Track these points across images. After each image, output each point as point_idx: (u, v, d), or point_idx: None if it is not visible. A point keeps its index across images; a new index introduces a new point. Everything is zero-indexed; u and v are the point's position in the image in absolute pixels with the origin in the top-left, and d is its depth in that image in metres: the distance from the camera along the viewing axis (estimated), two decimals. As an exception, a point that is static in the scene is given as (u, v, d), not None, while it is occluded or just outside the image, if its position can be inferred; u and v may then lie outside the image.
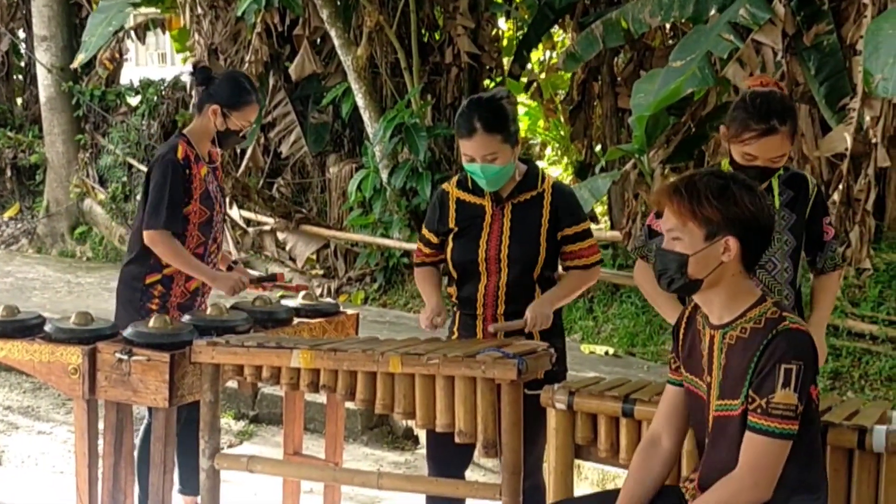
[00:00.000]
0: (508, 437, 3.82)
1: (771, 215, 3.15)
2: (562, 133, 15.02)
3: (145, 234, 4.95)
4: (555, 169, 15.93)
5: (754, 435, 3.00)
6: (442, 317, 4.35)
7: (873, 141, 7.24)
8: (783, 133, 3.89)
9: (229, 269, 5.27)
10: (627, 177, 8.70)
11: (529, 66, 12.85)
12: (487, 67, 11.71)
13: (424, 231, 4.53)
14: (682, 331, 3.35)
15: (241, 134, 5.13)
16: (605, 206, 11.92)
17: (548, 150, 16.64)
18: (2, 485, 5.92)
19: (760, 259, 3.21)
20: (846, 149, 7.23)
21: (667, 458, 3.34)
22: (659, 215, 4.14)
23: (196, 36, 12.07)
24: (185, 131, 5.08)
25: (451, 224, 4.38)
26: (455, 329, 4.46)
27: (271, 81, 11.94)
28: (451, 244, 4.38)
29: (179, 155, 4.96)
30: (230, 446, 6.72)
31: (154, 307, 4.97)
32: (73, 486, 4.56)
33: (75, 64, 12.84)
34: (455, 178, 4.47)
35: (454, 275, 4.40)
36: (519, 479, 3.88)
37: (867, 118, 7.21)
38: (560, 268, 4.43)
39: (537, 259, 4.27)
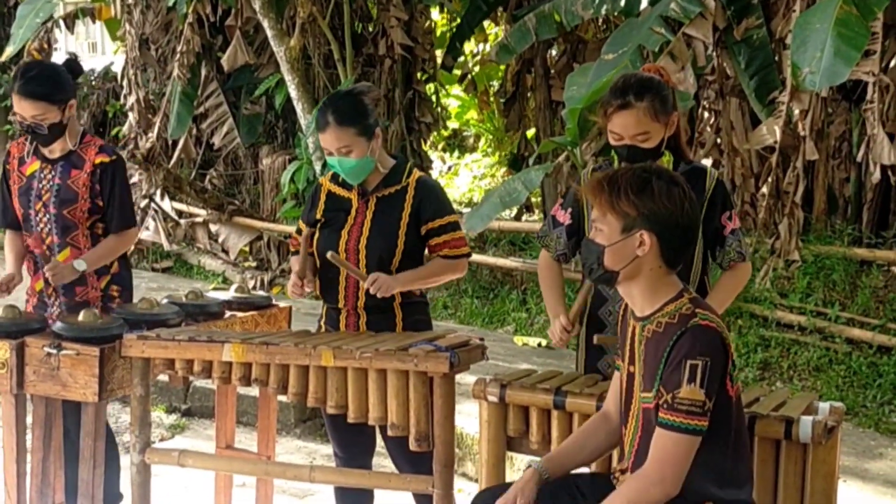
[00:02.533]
0: (441, 430, 3.83)
1: (694, 214, 3.16)
2: (495, 125, 15.08)
3: None
4: (488, 160, 15.99)
5: (661, 430, 3.04)
6: (308, 287, 4.35)
7: (802, 134, 7.35)
8: (640, 108, 3.87)
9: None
10: (560, 169, 8.75)
11: (463, 58, 12.87)
12: (421, 59, 11.71)
13: (299, 222, 4.59)
14: (619, 320, 3.39)
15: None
16: (539, 198, 11.98)
17: (481, 142, 16.70)
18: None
19: (684, 256, 3.23)
20: (775, 142, 7.33)
21: (612, 432, 3.38)
22: (565, 206, 4.20)
23: (127, 26, 11.96)
24: None
25: (319, 215, 4.43)
26: (322, 322, 4.50)
27: (203, 72, 11.85)
28: (317, 235, 4.42)
29: (12, 153, 4.97)
30: (162, 440, 6.67)
31: None
32: (1, 481, 4.50)
33: (3, 57, 12.66)
34: (331, 172, 4.49)
35: (318, 265, 4.42)
36: (452, 472, 3.91)
37: (796, 111, 7.31)
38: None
39: (395, 252, 4.29)
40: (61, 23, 13.15)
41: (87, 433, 4.35)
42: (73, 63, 5.06)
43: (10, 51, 12.41)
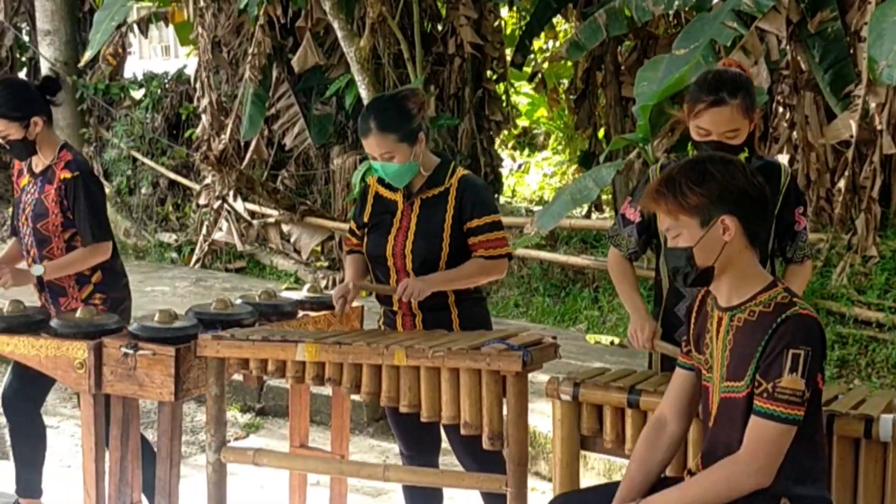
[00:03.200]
0: (514, 429, 3.82)
1: (759, 183, 3.12)
2: (566, 122, 15.02)
3: None
4: (559, 158, 15.93)
5: (759, 419, 3.00)
6: (351, 295, 4.38)
7: (878, 128, 7.24)
8: (733, 106, 3.85)
9: None
10: (632, 166, 8.70)
11: (532, 55, 12.84)
12: (490, 58, 11.70)
13: (350, 222, 4.61)
14: (694, 314, 3.35)
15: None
16: (610, 196, 11.91)
17: (551, 140, 16.65)
18: (10, 479, 5.91)
19: (765, 230, 3.20)
20: (851, 136, 7.23)
21: (671, 442, 3.34)
22: (633, 204, 4.17)
23: (199, 29, 12.06)
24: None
25: (366, 218, 4.45)
26: (380, 323, 4.53)
27: (274, 73, 11.93)
28: (365, 238, 4.44)
29: (16, 165, 5.16)
30: (237, 439, 6.72)
31: None
32: (81, 480, 4.57)
33: (82, 62, 12.86)
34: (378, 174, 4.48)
35: (371, 269, 4.45)
36: (525, 470, 3.90)
37: (872, 105, 7.21)
38: None
39: (440, 254, 4.28)
40: (135, 27, 13.33)
41: (163, 432, 4.40)
42: (50, 80, 5.15)
43: (87, 56, 12.59)
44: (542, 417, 5.77)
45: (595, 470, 5.72)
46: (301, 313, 4.97)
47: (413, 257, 4.28)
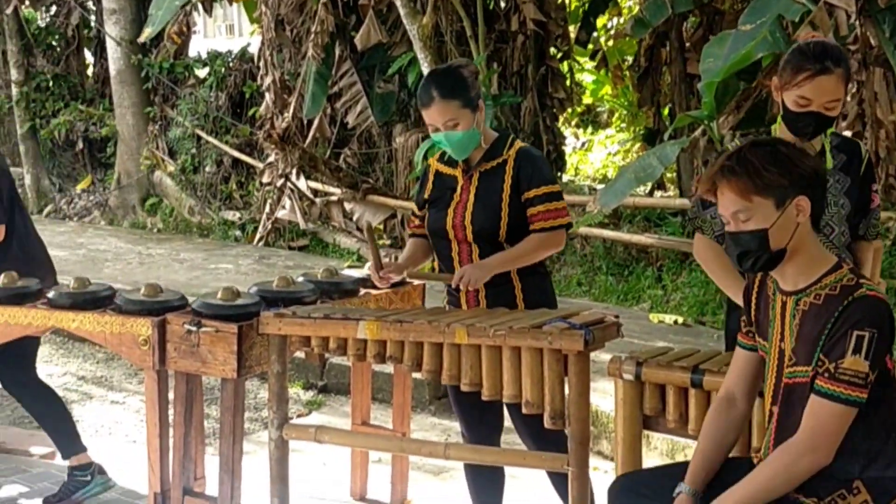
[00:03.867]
0: (576, 408, 3.80)
1: (823, 166, 3.10)
2: (630, 100, 14.90)
3: None
4: (623, 136, 15.83)
5: (818, 398, 2.97)
6: (395, 276, 4.46)
7: (950, 104, 7.10)
8: (837, 75, 3.79)
9: None
10: (697, 143, 8.61)
11: (596, 32, 12.74)
12: (553, 35, 11.62)
13: (412, 203, 4.61)
14: (753, 295, 3.31)
15: None
16: (675, 174, 11.81)
17: (615, 118, 16.54)
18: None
19: (823, 214, 3.17)
20: (921, 113, 7.09)
21: (740, 420, 3.31)
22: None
23: (262, 7, 12.10)
24: None
25: (427, 195, 4.46)
26: (445, 301, 4.52)
27: (337, 52, 11.94)
28: (426, 214, 4.45)
29: None
30: (300, 416, 6.76)
31: None
32: (146, 454, 4.61)
33: (142, 38, 12.94)
34: (440, 152, 4.50)
35: (433, 246, 4.46)
36: (587, 450, 3.87)
37: (943, 81, 7.06)
38: None
39: (499, 225, 4.25)
40: (199, 6, 13.39)
41: (226, 409, 4.43)
42: None
43: (148, 32, 12.67)
44: (605, 396, 5.74)
45: (658, 450, 5.68)
46: (363, 291, 4.98)
47: (473, 228, 4.26)
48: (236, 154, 13.23)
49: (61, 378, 7.62)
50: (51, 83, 15.00)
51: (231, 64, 13.78)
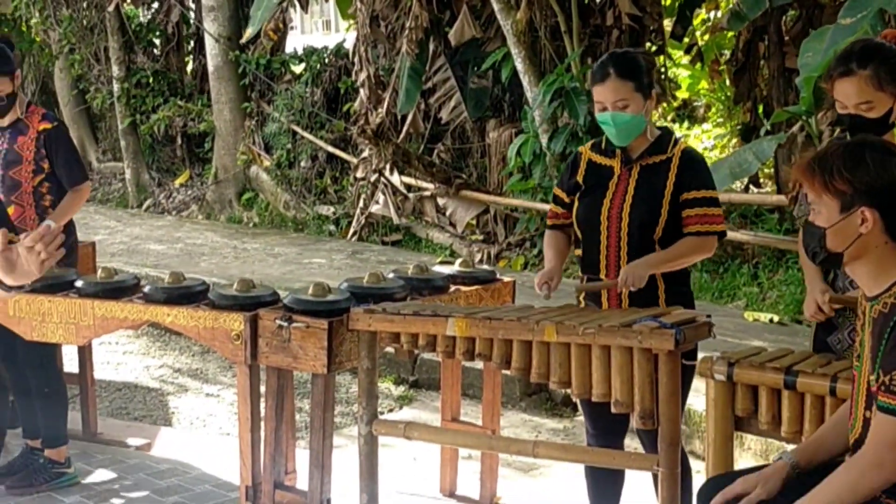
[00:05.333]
0: (666, 408, 3.76)
1: None
2: (727, 94, 14.70)
3: None
4: (719, 131, 15.63)
5: (880, 413, 2.90)
6: (555, 281, 4.29)
7: None
8: (861, 77, 3.72)
9: None
10: (794, 139, 8.46)
11: (691, 27, 12.58)
12: (649, 29, 11.50)
13: (556, 190, 4.52)
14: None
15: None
16: (772, 170, 11.63)
17: (711, 112, 16.32)
18: (173, 444, 6.10)
19: None
20: None
21: None
22: None
23: (358, 3, 12.15)
24: None
25: (580, 180, 4.38)
26: (581, 297, 4.42)
27: (431, 47, 11.96)
28: (577, 203, 4.37)
29: None
30: (390, 411, 6.79)
31: None
32: (237, 448, 4.67)
33: (245, 38, 13.10)
34: (591, 142, 4.48)
35: (579, 235, 4.38)
36: (677, 451, 3.83)
37: None
38: None
39: (658, 221, 4.20)
40: (296, 2, 13.50)
41: (316, 404, 4.47)
42: (5, 40, 5.69)
43: (249, 32, 12.83)
44: (698, 395, 5.66)
45: (751, 451, 5.60)
46: (453, 288, 4.98)
47: (630, 221, 4.22)
48: (331, 149, 13.33)
49: (158, 370, 7.76)
50: (151, 79, 15.24)
51: (326, 60, 13.87)
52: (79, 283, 4.93)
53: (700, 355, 3.91)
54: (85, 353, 6.12)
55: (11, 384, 5.61)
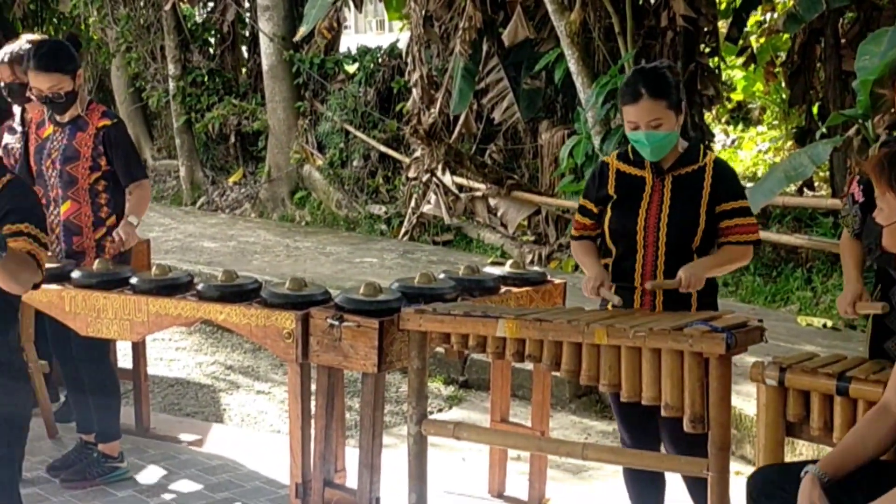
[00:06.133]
0: (716, 412, 3.75)
1: None
2: (782, 97, 14.59)
3: None
4: (774, 134, 15.51)
5: None
6: (606, 284, 4.29)
7: None
8: None
9: None
10: (850, 143, 8.39)
11: (747, 29, 12.49)
12: (704, 31, 11.43)
13: (583, 201, 4.52)
14: None
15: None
16: (827, 173, 11.53)
17: (766, 115, 16.19)
18: (224, 441, 6.15)
19: None
20: None
21: (891, 428, 3.22)
22: (861, 183, 4.03)
23: (412, 3, 12.18)
24: None
25: (611, 191, 4.37)
26: (609, 303, 4.42)
27: (485, 48, 11.95)
28: (609, 213, 4.37)
29: (34, 118, 5.75)
30: (440, 411, 6.80)
31: None
32: (288, 445, 4.70)
33: (298, 37, 13.15)
34: (615, 152, 4.48)
35: (611, 245, 4.39)
36: (727, 455, 3.82)
37: None
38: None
39: (696, 231, 4.23)
40: (350, 2, 13.55)
41: (366, 403, 4.49)
42: (73, 38, 5.87)
43: (303, 30, 12.88)
44: (749, 399, 5.63)
45: (803, 456, 5.54)
46: (503, 289, 4.99)
47: (668, 231, 4.24)
48: (383, 149, 13.36)
49: (210, 367, 7.82)
50: (206, 78, 15.34)
51: (380, 59, 13.90)
52: (133, 280, 4.99)
53: (752, 360, 3.89)
54: (139, 350, 6.19)
55: (66, 379, 5.69)
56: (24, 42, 6.01)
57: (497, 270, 5.16)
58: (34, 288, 3.73)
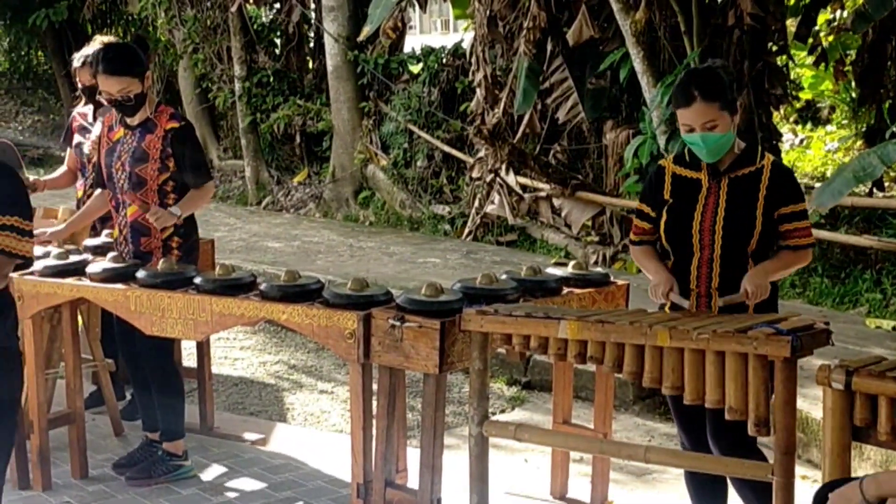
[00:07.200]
0: (781, 416, 3.70)
1: None
2: (852, 96, 14.40)
3: None
4: (843, 133, 15.30)
5: None
6: (675, 287, 4.27)
7: None
8: None
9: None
10: (921, 143, 8.22)
11: (816, 27, 12.33)
12: (772, 29, 11.30)
13: (640, 205, 4.52)
14: None
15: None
16: (897, 174, 11.36)
17: (836, 114, 15.99)
18: (287, 441, 6.19)
19: None
20: None
21: None
22: None
23: (476, 3, 12.17)
24: None
25: (667, 195, 4.36)
26: (667, 305, 4.40)
27: (549, 47, 11.91)
28: (665, 216, 4.35)
29: (105, 122, 5.72)
30: (502, 412, 6.78)
31: None
32: (350, 445, 4.71)
33: (362, 37, 13.18)
34: (672, 154, 4.46)
35: (667, 248, 4.37)
36: (793, 460, 3.77)
37: None
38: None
39: (752, 233, 4.20)
40: (415, 2, 13.57)
41: (427, 403, 4.48)
42: (141, 41, 5.87)
43: (367, 30, 12.90)
44: (816, 403, 5.56)
45: (871, 461, 5.46)
46: (566, 290, 4.96)
47: (723, 234, 4.22)
48: (447, 149, 13.37)
49: (273, 366, 7.86)
50: (271, 79, 15.45)
51: (444, 60, 13.90)
52: (197, 280, 5.02)
53: (818, 362, 3.83)
54: (203, 349, 6.24)
55: (132, 378, 5.75)
56: (98, 45, 6.09)
57: (559, 271, 5.13)
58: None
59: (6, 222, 3.69)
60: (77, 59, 6.38)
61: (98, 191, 5.80)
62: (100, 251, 5.75)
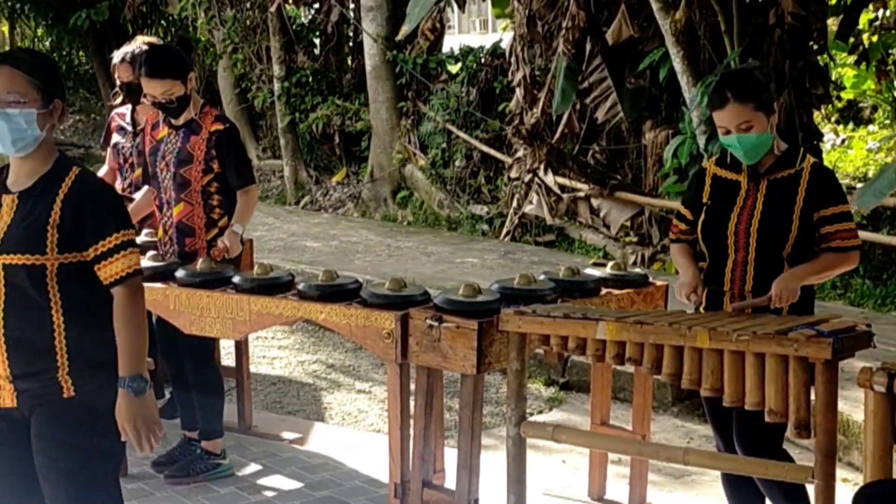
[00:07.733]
0: (822, 419, 3.67)
1: None
2: (894, 96, 14.27)
3: None
4: (885, 133, 15.18)
5: None
6: (699, 290, 4.29)
7: None
8: None
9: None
10: (964, 142, 8.14)
11: (858, 26, 12.23)
12: (813, 28, 11.21)
13: (680, 207, 4.54)
14: None
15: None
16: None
17: (878, 114, 15.86)
18: (325, 440, 6.20)
19: None
20: None
21: None
22: None
23: (515, 3, 12.15)
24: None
25: (705, 198, 4.36)
26: (702, 305, 4.39)
27: (588, 47, 11.86)
28: (703, 217, 4.35)
29: (148, 120, 5.78)
30: (540, 412, 6.77)
31: None
32: (388, 445, 4.71)
33: (400, 36, 13.18)
34: (714, 157, 4.45)
35: (703, 249, 4.36)
36: (834, 462, 3.74)
37: None
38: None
39: (787, 236, 4.16)
40: (453, 2, 13.56)
41: (465, 404, 4.48)
42: (184, 42, 5.92)
43: (405, 30, 12.90)
44: (858, 405, 5.51)
45: (912, 464, 5.41)
46: (604, 291, 4.95)
47: (759, 236, 4.20)
48: (485, 149, 13.35)
49: (311, 366, 7.88)
50: (310, 79, 15.48)
51: (483, 59, 13.88)
52: (236, 280, 5.04)
53: (860, 364, 3.79)
54: (242, 348, 6.26)
55: (171, 377, 5.77)
56: (140, 43, 6.12)
57: (598, 272, 5.11)
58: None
59: (127, 237, 3.50)
60: (117, 55, 6.41)
61: (145, 188, 5.84)
62: (140, 250, 5.78)
